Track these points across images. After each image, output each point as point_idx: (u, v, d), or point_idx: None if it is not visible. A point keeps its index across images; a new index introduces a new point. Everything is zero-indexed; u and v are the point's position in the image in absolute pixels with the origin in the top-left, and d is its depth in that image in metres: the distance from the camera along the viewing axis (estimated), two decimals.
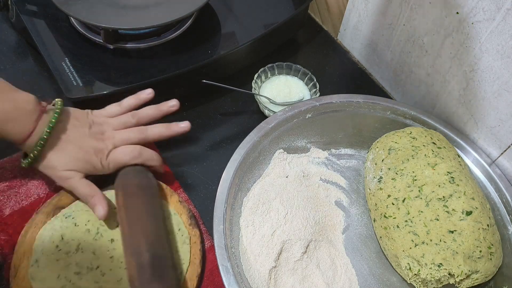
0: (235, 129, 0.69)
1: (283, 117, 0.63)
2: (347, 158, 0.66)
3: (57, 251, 0.52)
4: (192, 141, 0.67)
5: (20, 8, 0.68)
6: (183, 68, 0.64)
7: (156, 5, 0.65)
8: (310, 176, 0.63)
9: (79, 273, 0.50)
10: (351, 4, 0.78)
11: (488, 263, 0.51)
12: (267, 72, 0.72)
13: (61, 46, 0.65)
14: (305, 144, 0.65)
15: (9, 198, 0.57)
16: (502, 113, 0.58)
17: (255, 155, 0.60)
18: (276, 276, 0.52)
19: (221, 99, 0.73)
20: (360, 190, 0.63)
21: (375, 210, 0.57)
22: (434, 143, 0.59)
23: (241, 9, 0.74)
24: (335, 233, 0.58)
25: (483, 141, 0.63)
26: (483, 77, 0.58)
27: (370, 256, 0.57)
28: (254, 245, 0.53)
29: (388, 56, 0.74)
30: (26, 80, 0.70)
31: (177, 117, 0.70)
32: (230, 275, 0.49)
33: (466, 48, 0.59)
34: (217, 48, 0.68)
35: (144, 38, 0.67)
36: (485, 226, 0.52)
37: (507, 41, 0.53)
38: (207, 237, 0.57)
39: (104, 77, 0.62)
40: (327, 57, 0.82)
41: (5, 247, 0.53)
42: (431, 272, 0.50)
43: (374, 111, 0.66)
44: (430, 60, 0.66)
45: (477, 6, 0.55)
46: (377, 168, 0.59)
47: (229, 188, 0.55)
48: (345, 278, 0.54)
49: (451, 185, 0.54)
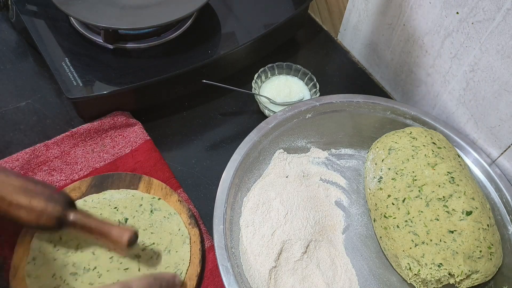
0: (235, 129, 0.69)
1: (283, 117, 0.63)
2: (347, 158, 0.66)
3: (55, 251, 0.52)
4: (192, 141, 0.67)
5: (20, 8, 0.68)
6: (183, 68, 0.64)
7: (156, 5, 0.65)
8: (310, 176, 0.63)
9: (75, 273, 0.51)
10: (351, 4, 0.78)
11: (488, 263, 0.51)
12: (267, 72, 0.72)
13: (61, 46, 0.65)
14: (305, 144, 0.65)
15: None
16: (502, 113, 0.58)
17: (255, 155, 0.60)
18: (276, 276, 0.52)
19: (221, 99, 0.73)
20: (360, 190, 0.63)
21: (375, 210, 0.57)
22: (434, 143, 0.59)
23: (241, 9, 0.74)
24: (335, 233, 0.58)
25: (483, 141, 0.63)
26: (483, 77, 0.58)
27: (370, 256, 0.57)
28: (254, 245, 0.53)
29: (388, 56, 0.74)
30: (26, 80, 0.70)
31: (177, 117, 0.70)
32: (230, 275, 0.49)
33: (466, 48, 0.59)
34: (217, 48, 0.68)
35: (144, 38, 0.67)
36: (485, 226, 0.52)
37: (507, 41, 0.53)
38: (207, 237, 0.57)
39: (104, 77, 0.62)
40: (327, 57, 0.82)
41: (5, 247, 0.53)
42: (431, 272, 0.50)
43: (374, 111, 0.66)
44: (430, 60, 0.66)
45: (477, 6, 0.55)
46: (377, 168, 0.59)
47: (229, 188, 0.55)
48: (345, 278, 0.54)
49: (451, 185, 0.54)
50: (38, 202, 0.48)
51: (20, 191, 0.48)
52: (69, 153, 0.62)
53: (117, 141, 0.64)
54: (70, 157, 0.62)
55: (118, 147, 0.64)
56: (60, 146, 0.62)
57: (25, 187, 0.48)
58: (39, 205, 0.48)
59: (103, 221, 0.50)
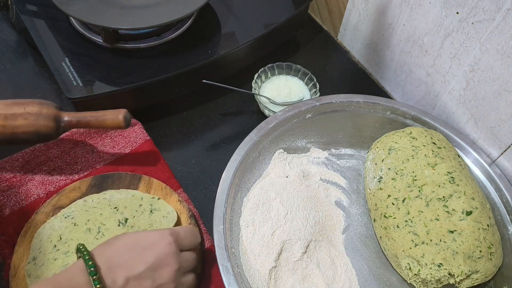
0: (235, 129, 0.69)
1: (283, 117, 0.63)
2: (347, 158, 0.66)
3: (55, 250, 0.52)
4: (192, 141, 0.67)
5: (20, 8, 0.68)
6: (183, 68, 0.64)
7: (156, 5, 0.65)
8: (310, 176, 0.63)
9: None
10: (351, 4, 0.78)
11: (488, 263, 0.51)
12: (267, 72, 0.72)
13: (61, 46, 0.65)
14: (305, 144, 0.65)
15: (9, 198, 0.57)
16: (502, 113, 0.58)
17: (255, 155, 0.60)
18: (276, 276, 0.52)
19: (221, 99, 0.73)
20: (360, 190, 0.63)
21: (375, 210, 0.57)
22: (434, 143, 0.59)
23: (241, 9, 0.74)
24: (335, 233, 0.58)
25: (483, 141, 0.63)
26: (483, 77, 0.58)
27: (370, 256, 0.57)
28: (254, 245, 0.53)
29: (388, 56, 0.74)
30: (26, 80, 0.70)
31: (177, 117, 0.70)
32: (230, 275, 0.49)
33: (466, 48, 0.59)
34: (217, 48, 0.68)
35: (144, 38, 0.67)
36: (485, 226, 0.52)
37: (507, 41, 0.53)
38: (207, 237, 0.57)
39: (104, 77, 0.62)
40: (327, 57, 0.82)
41: (5, 247, 0.53)
42: (431, 272, 0.50)
43: (374, 111, 0.66)
44: (430, 60, 0.66)
45: (477, 6, 0.55)
46: (377, 168, 0.59)
47: (229, 188, 0.55)
48: (345, 278, 0.54)
49: (451, 185, 0.54)
50: (33, 107, 0.51)
51: (13, 104, 0.51)
52: (69, 153, 0.62)
53: (117, 141, 0.64)
54: (70, 157, 0.62)
55: (118, 147, 0.64)
56: (60, 146, 0.63)
57: (16, 102, 0.51)
58: (34, 109, 0.50)
59: (95, 111, 0.53)
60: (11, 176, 0.59)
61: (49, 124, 0.50)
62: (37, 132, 0.50)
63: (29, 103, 0.51)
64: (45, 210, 0.55)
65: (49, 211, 0.55)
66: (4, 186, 0.58)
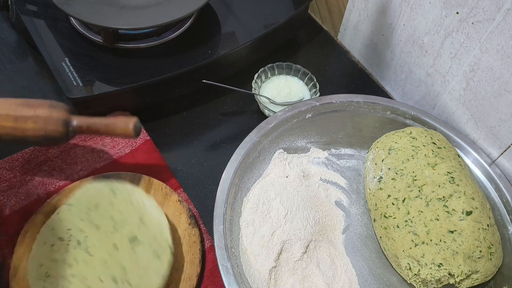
0: (235, 129, 0.69)
1: (283, 117, 0.63)
2: (347, 158, 0.66)
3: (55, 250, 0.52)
4: (192, 141, 0.67)
5: (20, 8, 0.68)
6: (183, 68, 0.64)
7: (156, 5, 0.65)
8: (310, 176, 0.63)
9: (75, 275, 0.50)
10: (351, 4, 0.78)
11: (488, 263, 0.51)
12: (267, 72, 0.72)
13: (61, 46, 0.65)
14: (305, 144, 0.65)
15: (9, 198, 0.57)
16: (502, 113, 0.58)
17: (255, 155, 0.60)
18: (276, 276, 0.52)
19: (221, 99, 0.73)
20: (360, 190, 0.63)
21: (375, 210, 0.57)
22: (434, 143, 0.59)
23: (241, 9, 0.74)
24: (335, 233, 0.58)
25: (483, 141, 0.63)
26: (483, 77, 0.58)
27: (370, 256, 0.57)
28: (254, 245, 0.53)
29: (388, 56, 0.74)
30: (26, 80, 0.70)
31: (177, 117, 0.70)
32: (230, 275, 0.49)
33: (466, 48, 0.59)
34: (217, 48, 0.68)
35: (144, 38, 0.67)
36: (485, 226, 0.52)
37: (507, 41, 0.53)
38: (207, 237, 0.57)
39: (104, 77, 0.62)
40: (327, 57, 0.82)
41: (5, 247, 0.53)
42: (431, 272, 0.50)
43: (374, 111, 0.66)
44: (430, 60, 0.66)
45: (477, 6, 0.55)
46: (377, 168, 0.59)
47: (229, 188, 0.55)
48: (345, 278, 0.54)
49: (451, 185, 0.54)
50: (43, 110, 0.49)
51: (23, 105, 0.49)
52: (69, 153, 0.62)
53: (117, 141, 0.64)
54: (70, 157, 0.62)
55: (118, 147, 0.64)
56: (60, 146, 0.62)
57: (26, 102, 0.50)
58: (44, 112, 0.49)
59: (105, 117, 0.51)
60: (11, 176, 0.59)
61: (58, 128, 0.49)
62: (46, 136, 0.49)
63: (40, 105, 0.50)
64: (45, 210, 0.55)
65: (49, 211, 0.55)
66: (4, 186, 0.58)
